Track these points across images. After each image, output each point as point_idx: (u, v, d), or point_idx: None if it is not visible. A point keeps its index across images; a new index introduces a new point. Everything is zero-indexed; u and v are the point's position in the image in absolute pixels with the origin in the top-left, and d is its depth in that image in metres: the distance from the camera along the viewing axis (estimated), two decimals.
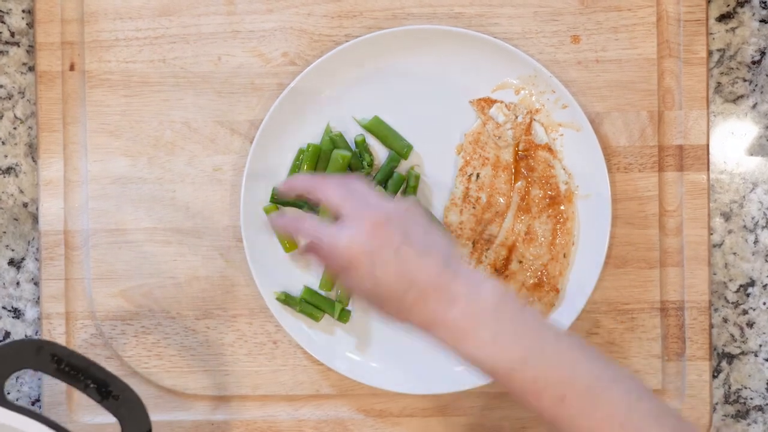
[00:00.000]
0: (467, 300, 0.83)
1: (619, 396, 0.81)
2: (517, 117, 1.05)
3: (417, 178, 1.05)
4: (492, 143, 1.05)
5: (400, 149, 1.05)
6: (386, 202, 0.88)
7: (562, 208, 1.05)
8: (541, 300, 1.05)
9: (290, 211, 1.06)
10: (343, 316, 1.05)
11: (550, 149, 1.05)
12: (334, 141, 1.04)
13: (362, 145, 1.05)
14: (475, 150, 1.06)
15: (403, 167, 1.06)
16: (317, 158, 1.04)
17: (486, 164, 1.05)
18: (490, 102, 1.05)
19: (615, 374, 0.83)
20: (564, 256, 1.05)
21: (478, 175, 1.06)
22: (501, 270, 1.05)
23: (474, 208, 1.05)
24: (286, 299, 1.05)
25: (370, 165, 1.05)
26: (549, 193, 1.05)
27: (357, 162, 1.05)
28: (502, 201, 1.05)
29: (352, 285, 0.86)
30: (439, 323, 0.83)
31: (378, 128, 1.05)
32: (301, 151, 1.05)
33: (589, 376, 0.82)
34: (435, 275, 0.83)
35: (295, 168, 1.05)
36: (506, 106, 1.05)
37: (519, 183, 1.06)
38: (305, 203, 1.04)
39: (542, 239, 1.05)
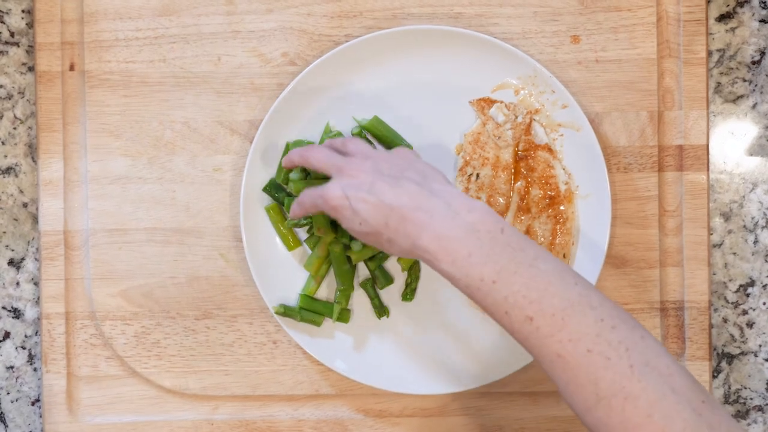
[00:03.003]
0: (444, 217, 0.86)
1: (592, 322, 0.83)
2: (516, 117, 1.05)
3: None
4: (492, 143, 1.05)
5: None
6: (365, 148, 0.95)
7: (561, 208, 1.05)
8: None
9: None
10: (343, 316, 1.05)
11: (549, 149, 1.05)
12: None
13: (361, 137, 1.04)
14: (474, 150, 1.06)
15: None
16: None
17: (486, 164, 1.05)
18: (489, 102, 1.05)
19: (594, 301, 0.84)
20: (564, 256, 1.05)
21: (477, 176, 1.06)
22: None
23: None
24: (286, 311, 1.04)
25: None
26: (549, 193, 1.05)
27: None
28: (501, 201, 1.05)
29: (347, 227, 0.92)
30: (418, 243, 0.87)
31: (378, 128, 1.05)
32: (288, 146, 1.05)
33: (560, 300, 0.83)
34: (410, 198, 0.88)
35: (282, 167, 1.05)
36: (506, 106, 1.05)
37: (519, 183, 1.06)
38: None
39: (542, 239, 1.05)
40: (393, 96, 1.05)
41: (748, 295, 1.09)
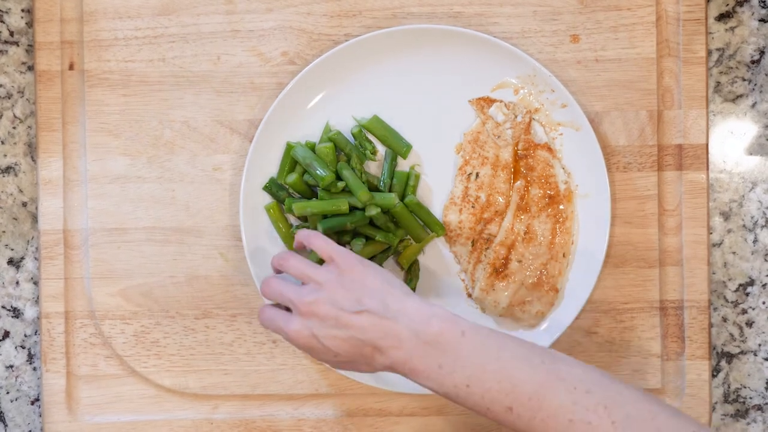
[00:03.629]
0: (409, 338, 0.90)
1: (565, 393, 0.86)
2: (516, 116, 1.05)
3: (417, 177, 1.05)
4: (491, 143, 1.05)
5: (399, 148, 1.05)
6: (318, 273, 0.94)
7: (561, 207, 1.05)
8: (541, 300, 1.05)
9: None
10: None
11: (549, 148, 1.05)
12: (333, 139, 1.04)
13: (361, 136, 1.04)
14: (474, 149, 1.06)
15: (403, 166, 1.06)
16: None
17: (485, 164, 1.05)
18: (489, 101, 1.05)
19: (563, 373, 0.87)
20: (563, 255, 1.05)
21: (477, 175, 1.06)
22: (500, 269, 1.05)
23: (473, 207, 1.05)
24: None
25: (374, 153, 1.05)
26: (548, 192, 1.05)
27: (359, 154, 1.04)
28: (501, 200, 1.05)
29: (320, 360, 0.94)
30: (395, 365, 0.90)
31: (377, 127, 1.05)
32: (289, 146, 1.05)
33: (531, 383, 0.86)
34: (377, 326, 0.90)
35: (284, 166, 1.05)
36: (505, 105, 1.05)
37: (518, 182, 1.05)
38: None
39: (541, 238, 1.05)
40: (392, 95, 1.05)
41: (747, 295, 1.09)
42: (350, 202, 1.03)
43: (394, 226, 1.04)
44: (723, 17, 1.08)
